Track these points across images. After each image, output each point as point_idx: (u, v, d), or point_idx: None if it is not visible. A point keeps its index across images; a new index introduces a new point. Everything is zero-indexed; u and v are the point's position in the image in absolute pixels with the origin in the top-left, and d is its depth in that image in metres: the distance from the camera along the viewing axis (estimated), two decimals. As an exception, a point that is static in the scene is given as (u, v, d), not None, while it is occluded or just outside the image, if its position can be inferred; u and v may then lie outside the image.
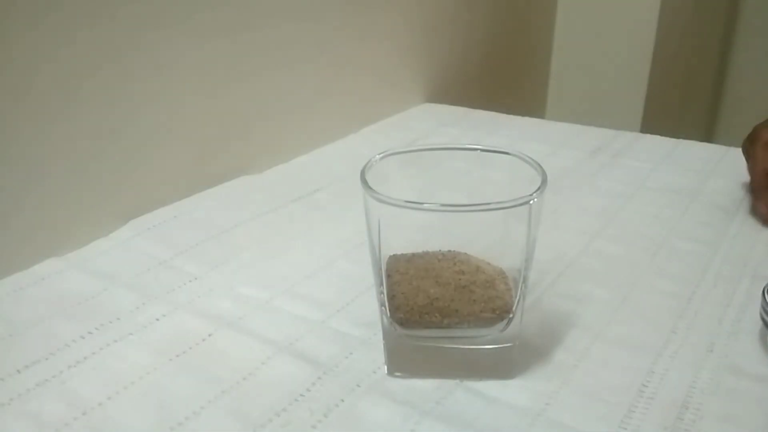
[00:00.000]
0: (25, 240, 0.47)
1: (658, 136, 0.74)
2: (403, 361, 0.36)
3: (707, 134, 1.52)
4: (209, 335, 0.40)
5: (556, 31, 1.21)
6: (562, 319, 0.42)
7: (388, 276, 0.35)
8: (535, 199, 0.32)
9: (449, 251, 0.36)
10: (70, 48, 0.48)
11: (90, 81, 0.49)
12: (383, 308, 0.35)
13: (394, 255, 0.35)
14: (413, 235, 0.35)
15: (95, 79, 0.50)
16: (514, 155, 0.36)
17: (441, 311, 0.34)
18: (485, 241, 0.35)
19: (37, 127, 0.47)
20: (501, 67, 1.08)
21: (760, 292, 0.40)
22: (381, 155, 0.36)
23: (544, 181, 0.33)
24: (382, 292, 0.35)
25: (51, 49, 0.46)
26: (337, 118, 0.74)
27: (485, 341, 0.35)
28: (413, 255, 0.36)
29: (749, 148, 0.56)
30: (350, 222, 0.53)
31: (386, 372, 0.37)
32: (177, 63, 0.56)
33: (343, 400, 0.35)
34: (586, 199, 0.59)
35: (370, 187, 0.32)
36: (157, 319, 0.42)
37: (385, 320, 0.36)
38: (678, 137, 0.73)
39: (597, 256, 0.49)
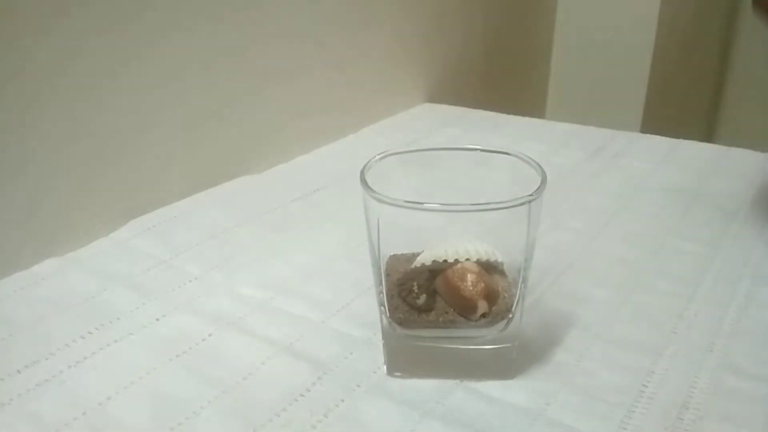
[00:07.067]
0: (25, 240, 0.47)
1: (658, 136, 0.74)
2: (402, 361, 0.36)
3: (707, 134, 1.52)
4: (209, 335, 0.40)
5: (556, 31, 1.21)
6: (562, 319, 0.42)
7: (388, 276, 0.35)
8: (535, 199, 0.32)
9: (449, 251, 0.36)
10: (68, 47, 0.48)
11: (89, 81, 0.49)
12: (382, 308, 0.35)
13: (394, 255, 0.36)
14: (413, 235, 0.35)
15: (94, 79, 0.50)
16: (514, 155, 0.36)
17: (440, 311, 0.34)
18: (485, 241, 0.35)
19: (36, 128, 0.47)
20: (501, 67, 1.08)
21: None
22: (381, 155, 0.36)
23: (544, 181, 0.33)
24: (381, 292, 0.35)
25: (50, 48, 0.46)
26: (337, 117, 0.74)
27: (485, 341, 0.35)
28: (413, 255, 0.36)
29: None
30: (350, 222, 0.53)
31: (386, 372, 0.37)
32: (177, 64, 0.56)
33: (343, 400, 0.35)
34: (586, 199, 0.59)
35: (369, 187, 0.32)
36: (157, 319, 0.42)
37: (385, 320, 0.36)
38: (678, 137, 0.73)
39: (597, 256, 0.49)
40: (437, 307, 0.34)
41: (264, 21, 0.63)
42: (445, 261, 0.34)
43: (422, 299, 0.34)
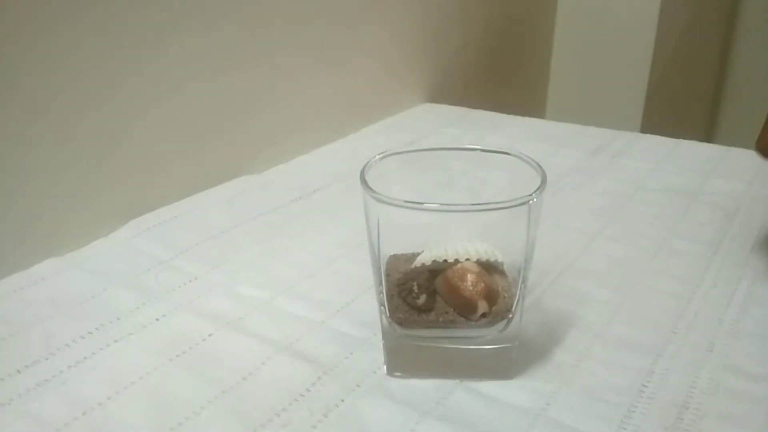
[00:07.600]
0: (25, 240, 0.47)
1: (658, 136, 0.74)
2: (402, 361, 0.36)
3: (707, 134, 1.52)
4: (209, 335, 0.40)
5: (556, 31, 1.21)
6: (562, 319, 0.42)
7: (388, 276, 0.35)
8: (535, 199, 0.32)
9: (449, 251, 0.36)
10: (68, 46, 0.48)
11: (89, 81, 0.49)
12: (382, 308, 0.35)
13: (394, 255, 0.36)
14: (413, 235, 0.35)
15: (94, 79, 0.50)
16: (514, 155, 0.36)
17: (440, 311, 0.34)
18: (485, 241, 0.35)
19: (36, 128, 0.47)
20: (501, 67, 1.08)
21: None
22: (381, 155, 0.36)
23: (544, 181, 0.33)
24: (381, 292, 0.35)
25: (49, 47, 0.46)
26: (337, 117, 0.74)
27: (485, 341, 0.35)
28: (413, 255, 0.36)
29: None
30: (350, 222, 0.53)
31: (386, 372, 0.37)
32: (177, 64, 0.56)
33: (343, 400, 0.35)
34: (586, 199, 0.59)
35: (369, 187, 0.32)
36: (157, 319, 0.42)
37: (385, 320, 0.36)
38: (678, 137, 0.73)
39: (597, 256, 0.49)
40: (437, 307, 0.34)
41: (264, 21, 0.63)
42: (445, 261, 0.34)
43: (422, 299, 0.34)
